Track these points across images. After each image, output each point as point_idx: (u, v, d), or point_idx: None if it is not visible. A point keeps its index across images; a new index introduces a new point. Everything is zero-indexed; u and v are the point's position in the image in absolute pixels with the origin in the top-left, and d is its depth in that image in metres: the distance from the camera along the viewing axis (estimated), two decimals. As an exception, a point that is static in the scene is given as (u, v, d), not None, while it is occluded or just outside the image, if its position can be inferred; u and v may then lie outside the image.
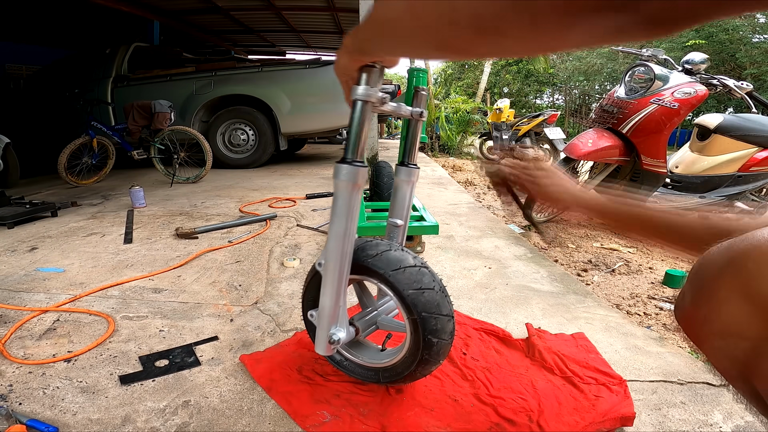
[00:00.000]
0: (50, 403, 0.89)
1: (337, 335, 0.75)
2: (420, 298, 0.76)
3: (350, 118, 0.68)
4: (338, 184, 0.68)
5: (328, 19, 6.52)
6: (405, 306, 0.78)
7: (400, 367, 0.86)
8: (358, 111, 0.66)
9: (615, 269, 2.02)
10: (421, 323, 0.77)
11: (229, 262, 1.75)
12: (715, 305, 0.44)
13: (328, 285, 0.72)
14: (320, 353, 0.78)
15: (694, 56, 2.41)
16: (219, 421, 0.85)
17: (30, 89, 5.37)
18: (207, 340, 1.15)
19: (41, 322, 1.24)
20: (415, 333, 0.79)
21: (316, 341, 0.77)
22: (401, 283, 0.76)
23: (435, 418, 0.85)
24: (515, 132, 6.49)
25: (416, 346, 0.80)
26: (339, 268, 0.70)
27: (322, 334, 0.76)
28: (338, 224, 0.68)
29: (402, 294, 0.77)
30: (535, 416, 0.85)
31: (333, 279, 0.71)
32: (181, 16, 5.99)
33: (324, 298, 0.73)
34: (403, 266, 0.77)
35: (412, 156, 0.87)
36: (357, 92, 0.65)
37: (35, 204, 2.51)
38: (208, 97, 4.55)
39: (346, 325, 0.78)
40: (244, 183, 3.69)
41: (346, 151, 0.68)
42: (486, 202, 3.63)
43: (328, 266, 0.71)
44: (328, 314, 0.74)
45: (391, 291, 0.79)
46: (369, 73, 0.63)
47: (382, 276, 0.77)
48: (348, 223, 0.67)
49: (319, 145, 8.42)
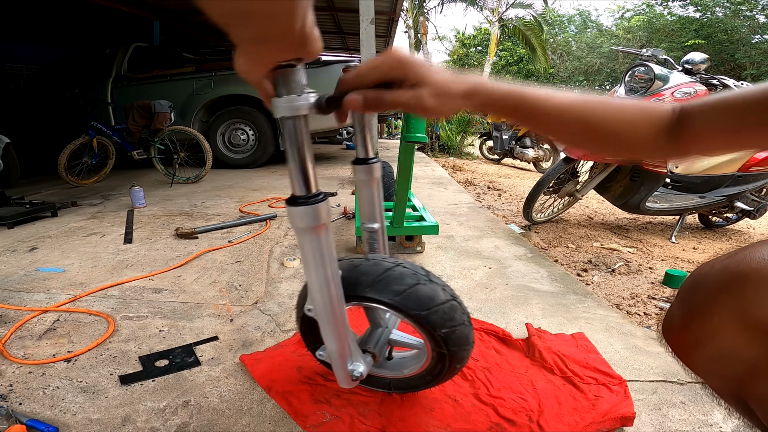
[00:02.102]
0: (50, 403, 0.89)
1: (357, 370, 0.71)
2: (452, 336, 0.72)
3: (283, 141, 0.54)
4: (298, 232, 0.55)
5: (328, 19, 6.51)
6: (434, 341, 0.73)
7: (415, 381, 0.85)
8: (289, 131, 0.49)
9: (615, 269, 2.02)
10: (449, 356, 0.74)
11: (229, 262, 1.75)
12: (709, 330, 0.42)
13: (327, 329, 0.66)
14: (343, 387, 0.74)
15: (694, 56, 2.41)
16: (219, 421, 0.85)
17: (30, 89, 5.37)
18: (207, 340, 1.15)
19: (41, 322, 1.24)
20: (440, 362, 0.77)
21: (337, 378, 0.73)
22: (435, 324, 0.70)
23: (435, 418, 0.85)
24: (515, 132, 6.49)
25: (439, 370, 0.79)
26: (333, 312, 0.63)
27: (339, 371, 0.71)
28: (316, 274, 0.58)
29: (434, 333, 0.71)
30: (535, 416, 0.85)
31: (330, 321, 0.65)
32: (181, 16, 5.98)
33: (328, 341, 0.68)
34: (436, 304, 0.70)
35: (367, 150, 0.74)
36: (279, 108, 0.48)
37: (35, 204, 2.51)
38: (208, 97, 4.55)
39: (361, 356, 0.73)
40: (244, 183, 3.69)
41: (292, 186, 0.52)
42: (486, 202, 3.63)
43: (320, 313, 0.64)
44: (338, 354, 0.69)
45: (421, 329, 0.73)
46: (285, 76, 0.46)
47: (413, 316, 0.70)
48: (327, 269, 0.58)
49: (319, 145, 8.42)
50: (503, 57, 19.67)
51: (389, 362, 0.89)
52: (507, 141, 6.51)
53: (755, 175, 2.53)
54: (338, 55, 8.56)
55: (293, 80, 0.47)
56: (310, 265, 0.57)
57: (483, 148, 7.63)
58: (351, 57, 6.53)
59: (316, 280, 0.59)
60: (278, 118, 0.49)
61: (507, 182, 5.00)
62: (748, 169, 2.50)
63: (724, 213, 2.80)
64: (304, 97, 0.48)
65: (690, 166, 2.63)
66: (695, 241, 2.61)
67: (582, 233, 2.68)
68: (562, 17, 24.04)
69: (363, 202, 0.80)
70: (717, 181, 2.56)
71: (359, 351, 0.73)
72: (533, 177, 5.51)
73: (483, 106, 0.49)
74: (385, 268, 0.72)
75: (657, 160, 0.57)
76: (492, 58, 10.45)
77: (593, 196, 3.77)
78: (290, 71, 0.46)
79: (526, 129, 6.20)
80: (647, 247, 2.42)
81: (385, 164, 2.47)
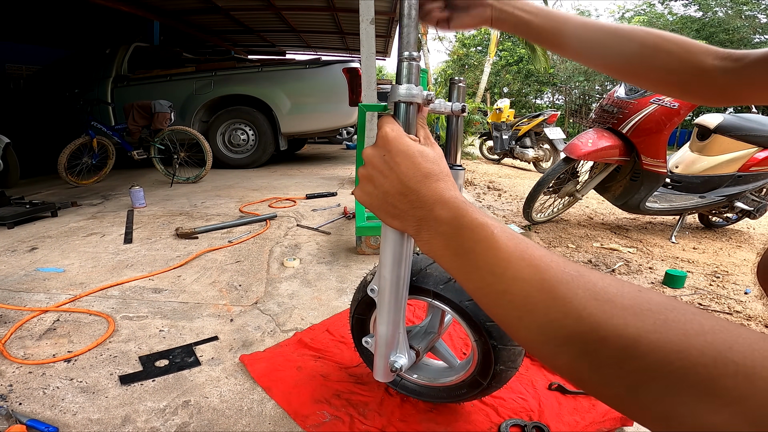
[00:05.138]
0: (50, 403, 0.89)
1: (398, 362, 0.70)
2: (504, 352, 0.73)
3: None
4: None
5: (328, 19, 6.51)
6: (486, 353, 0.74)
7: (457, 390, 0.84)
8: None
9: (615, 269, 2.02)
10: (494, 352, 0.74)
11: (229, 262, 1.75)
12: None
13: (384, 313, 0.66)
14: (379, 380, 0.73)
15: (694, 56, 2.41)
16: (219, 421, 0.85)
17: (30, 89, 5.37)
18: (207, 340, 1.15)
19: (41, 322, 1.24)
20: (485, 359, 0.77)
21: (375, 368, 0.72)
22: (494, 337, 0.72)
23: (435, 419, 0.85)
24: (515, 132, 6.49)
25: (485, 371, 0.78)
26: (397, 296, 0.64)
27: (380, 362, 0.71)
28: (393, 251, 0.58)
29: (490, 344, 0.72)
30: (535, 416, 0.85)
31: (390, 307, 0.65)
32: (181, 16, 5.98)
33: (381, 327, 0.68)
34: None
35: (455, 157, 0.77)
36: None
37: (35, 204, 2.51)
38: (208, 97, 4.56)
39: (407, 350, 0.72)
40: (244, 183, 3.69)
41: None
42: (486, 202, 3.63)
43: (384, 294, 0.64)
44: (386, 342, 0.69)
45: (479, 339, 0.74)
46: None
47: (475, 323, 0.73)
48: (404, 249, 0.59)
49: (319, 145, 8.42)
50: (503, 57, 19.67)
51: (432, 369, 0.88)
52: (507, 141, 6.51)
53: (755, 175, 2.53)
54: (338, 55, 8.56)
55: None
56: (389, 241, 0.58)
57: (483, 148, 7.63)
58: (351, 57, 6.53)
59: (391, 258, 0.59)
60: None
61: (507, 182, 5.01)
62: (748, 169, 2.50)
63: (724, 213, 2.80)
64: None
65: (690, 166, 2.63)
66: (695, 241, 2.61)
67: (582, 233, 2.68)
68: (562, 17, 23.96)
69: None
70: (717, 181, 2.56)
71: (407, 345, 0.73)
72: (533, 177, 5.51)
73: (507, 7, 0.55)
74: (431, 261, 0.73)
75: (698, 96, 0.56)
76: (492, 58, 10.44)
77: (593, 196, 3.77)
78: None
79: None
80: (647, 247, 2.42)
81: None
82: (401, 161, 0.39)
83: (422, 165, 0.39)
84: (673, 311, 0.26)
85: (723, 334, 0.24)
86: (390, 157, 0.40)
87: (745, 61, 0.51)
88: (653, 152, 2.32)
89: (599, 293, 0.28)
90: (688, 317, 0.25)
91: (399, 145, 0.40)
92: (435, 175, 0.38)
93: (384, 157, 0.40)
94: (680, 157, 2.68)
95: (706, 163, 2.56)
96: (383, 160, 0.40)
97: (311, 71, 4.46)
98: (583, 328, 0.28)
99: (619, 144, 2.36)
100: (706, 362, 0.23)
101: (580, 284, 0.29)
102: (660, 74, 0.56)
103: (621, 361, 0.26)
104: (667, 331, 0.25)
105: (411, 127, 0.46)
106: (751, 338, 0.23)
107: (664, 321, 0.25)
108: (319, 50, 8.81)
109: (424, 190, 0.38)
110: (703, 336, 0.24)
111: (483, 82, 10.59)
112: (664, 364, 0.24)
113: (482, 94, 11.24)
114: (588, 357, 0.28)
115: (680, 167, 2.64)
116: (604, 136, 2.35)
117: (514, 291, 0.32)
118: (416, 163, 0.39)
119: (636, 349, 0.25)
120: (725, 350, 0.23)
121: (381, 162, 0.40)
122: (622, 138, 2.37)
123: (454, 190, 0.38)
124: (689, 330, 0.24)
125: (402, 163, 0.39)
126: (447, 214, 0.36)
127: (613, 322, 0.26)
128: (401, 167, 0.39)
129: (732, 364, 0.22)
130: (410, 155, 0.39)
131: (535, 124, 6.20)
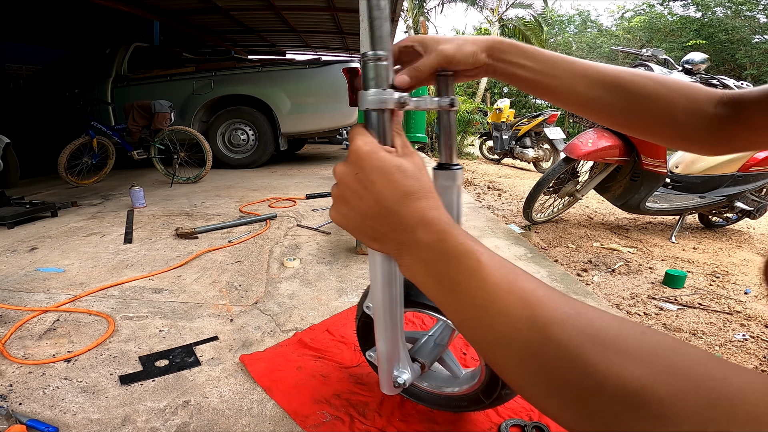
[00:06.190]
0: (50, 403, 0.89)
1: (401, 378, 0.69)
2: None
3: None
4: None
5: (328, 19, 6.51)
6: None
7: (464, 400, 0.81)
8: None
9: (615, 269, 2.02)
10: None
11: (229, 262, 1.75)
12: None
13: (381, 331, 0.65)
14: (385, 393, 0.72)
15: (694, 56, 2.41)
16: (219, 421, 0.85)
17: (30, 89, 5.37)
18: (207, 340, 1.15)
19: (41, 322, 1.24)
20: (492, 380, 0.74)
21: (380, 382, 0.72)
22: None
23: (435, 419, 0.85)
24: (515, 132, 6.49)
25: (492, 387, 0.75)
26: (391, 314, 0.62)
27: (384, 376, 0.70)
28: (381, 269, 0.55)
29: None
30: (535, 416, 0.85)
31: (387, 325, 0.63)
32: (181, 16, 5.98)
33: (380, 343, 0.67)
34: None
35: (449, 155, 0.70)
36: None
37: (35, 204, 2.51)
38: (208, 97, 4.56)
39: (409, 364, 0.71)
40: (244, 183, 3.69)
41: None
42: (486, 202, 3.63)
43: (379, 313, 0.62)
44: (387, 358, 0.68)
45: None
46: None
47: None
48: (394, 268, 0.56)
49: (319, 145, 8.43)
50: (503, 57, 19.69)
51: (441, 377, 0.87)
52: (507, 141, 6.51)
53: (755, 175, 2.53)
54: (338, 55, 8.56)
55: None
56: (377, 261, 0.55)
57: (483, 148, 7.63)
58: (351, 57, 6.53)
59: (380, 278, 0.57)
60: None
61: (507, 182, 5.00)
62: (748, 169, 2.50)
63: (724, 213, 2.80)
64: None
65: (690, 166, 2.63)
66: (695, 241, 2.61)
67: (582, 233, 2.68)
68: (561, 17, 24.04)
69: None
70: (717, 181, 2.56)
71: (408, 359, 0.71)
72: (533, 177, 5.51)
73: (502, 61, 0.51)
74: None
75: (704, 148, 0.52)
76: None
77: (593, 196, 3.77)
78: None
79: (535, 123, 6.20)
80: (647, 247, 2.42)
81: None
82: (377, 179, 0.35)
83: (401, 182, 0.34)
84: (679, 356, 0.24)
85: (736, 379, 0.22)
86: (364, 175, 0.35)
87: (742, 104, 0.48)
88: (653, 152, 2.33)
89: (598, 335, 0.26)
90: (696, 360, 0.23)
91: (373, 161, 0.35)
92: (415, 193, 0.34)
93: (357, 175, 0.36)
94: (680, 157, 2.68)
95: (706, 163, 2.56)
96: (357, 179, 0.36)
97: (311, 71, 4.46)
98: (576, 374, 0.25)
99: (619, 144, 2.36)
100: (717, 416, 0.21)
101: (576, 324, 0.27)
102: (665, 130, 0.52)
103: (619, 413, 0.23)
104: (674, 380, 0.23)
105: (386, 136, 0.40)
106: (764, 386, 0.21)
107: (668, 366, 0.23)
108: (319, 50, 8.81)
109: (404, 212, 0.34)
110: (711, 382, 0.22)
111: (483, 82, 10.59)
112: (671, 416, 0.22)
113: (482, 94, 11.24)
114: (581, 404, 0.25)
115: (680, 167, 2.64)
116: (604, 136, 2.36)
117: (499, 327, 0.29)
118: (394, 181, 0.34)
119: (638, 397, 0.23)
120: (738, 401, 0.21)
121: (354, 181, 0.36)
122: (622, 138, 2.37)
123: (437, 209, 0.35)
124: (697, 376, 0.23)
125: (378, 181, 0.35)
126: (429, 238, 0.33)
127: (612, 370, 0.24)
128: (377, 186, 0.35)
129: (743, 414, 0.21)
130: (387, 172, 0.35)
131: (535, 124, 6.21)
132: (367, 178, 0.35)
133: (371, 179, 0.35)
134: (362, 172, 0.35)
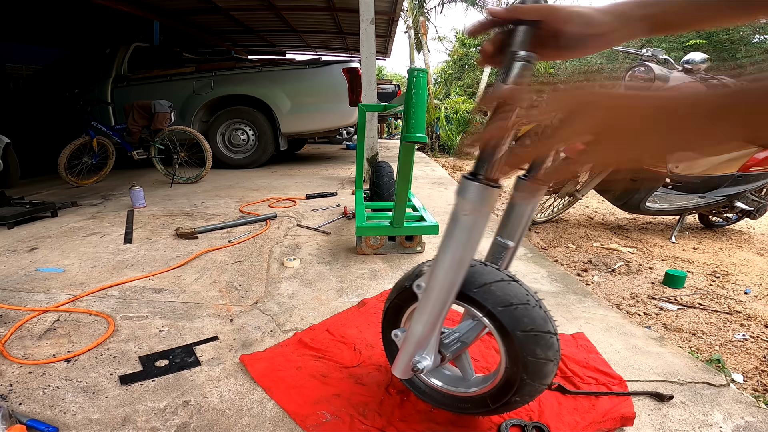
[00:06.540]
0: (50, 403, 0.89)
1: (422, 363, 0.68)
2: (537, 367, 0.69)
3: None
4: (460, 205, 0.56)
5: (328, 19, 6.51)
6: (515, 363, 0.69)
7: (479, 401, 0.79)
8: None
9: (615, 269, 2.02)
10: (520, 385, 0.70)
11: (229, 262, 1.75)
12: None
13: (425, 313, 0.64)
14: (396, 375, 0.72)
15: (694, 56, 2.41)
16: (219, 421, 0.85)
17: (30, 89, 5.37)
18: (207, 340, 1.15)
19: (41, 322, 1.24)
20: (505, 386, 0.73)
21: (396, 363, 0.70)
22: (525, 349, 0.67)
23: (435, 419, 0.85)
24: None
25: (511, 382, 0.73)
26: (444, 299, 0.61)
27: (404, 358, 0.69)
28: (454, 252, 0.57)
29: (520, 357, 0.67)
30: (535, 416, 0.85)
31: (434, 310, 0.63)
32: (181, 16, 5.98)
33: (416, 325, 0.66)
34: (538, 331, 0.67)
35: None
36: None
37: (35, 204, 2.51)
38: (208, 97, 4.55)
39: (435, 353, 0.70)
40: (244, 183, 3.69)
41: (478, 165, 0.55)
42: (486, 202, 3.63)
43: (431, 294, 0.62)
44: (417, 341, 0.67)
45: (507, 347, 0.69)
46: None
47: (507, 334, 0.68)
48: (465, 253, 0.57)
49: (319, 145, 8.42)
50: (503, 57, 19.68)
51: (456, 378, 0.85)
52: (507, 141, 6.51)
53: (755, 175, 2.53)
54: (338, 55, 8.56)
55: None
56: (452, 242, 0.56)
57: (483, 148, 7.61)
58: (351, 57, 6.53)
59: (451, 259, 0.58)
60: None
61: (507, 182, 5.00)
62: (748, 169, 2.50)
63: (724, 213, 2.80)
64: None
65: (690, 165, 2.63)
66: (695, 241, 2.61)
67: (582, 233, 2.68)
68: (562, 17, 23.97)
69: (510, 217, 0.73)
70: (717, 181, 2.56)
71: (435, 348, 0.70)
72: (533, 177, 5.50)
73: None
74: (500, 278, 0.69)
75: None
76: (492, 58, 10.46)
77: (593, 196, 3.77)
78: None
79: None
80: (647, 247, 2.42)
81: (385, 164, 2.47)
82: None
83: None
84: None
85: None
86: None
87: None
88: (653, 152, 2.32)
89: None
90: None
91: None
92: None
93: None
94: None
95: (706, 163, 2.56)
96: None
97: (311, 71, 4.46)
98: None
99: (619, 144, 2.36)
100: None
101: None
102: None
103: None
104: None
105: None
106: None
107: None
108: (319, 50, 8.80)
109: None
110: None
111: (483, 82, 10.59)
112: None
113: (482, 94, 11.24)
114: None
115: (680, 167, 2.64)
116: (604, 136, 2.35)
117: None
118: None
119: None
120: None
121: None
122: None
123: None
124: None
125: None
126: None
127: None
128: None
129: None
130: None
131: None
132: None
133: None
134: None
